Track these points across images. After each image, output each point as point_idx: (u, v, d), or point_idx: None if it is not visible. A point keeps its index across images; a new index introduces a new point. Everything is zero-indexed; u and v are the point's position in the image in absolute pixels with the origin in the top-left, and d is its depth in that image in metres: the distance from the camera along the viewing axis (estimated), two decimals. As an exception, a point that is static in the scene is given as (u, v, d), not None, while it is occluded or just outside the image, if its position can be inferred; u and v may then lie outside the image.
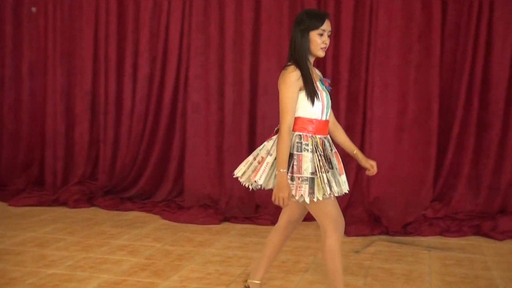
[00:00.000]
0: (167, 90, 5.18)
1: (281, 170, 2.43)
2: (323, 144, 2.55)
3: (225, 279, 3.36)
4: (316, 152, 2.49)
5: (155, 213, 4.97)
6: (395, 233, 4.33)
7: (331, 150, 2.60)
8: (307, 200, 2.46)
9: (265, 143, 2.62)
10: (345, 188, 2.60)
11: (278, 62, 4.77)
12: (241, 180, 2.64)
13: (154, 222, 4.73)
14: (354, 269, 3.55)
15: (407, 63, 4.55)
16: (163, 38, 5.16)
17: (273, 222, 4.62)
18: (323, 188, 2.45)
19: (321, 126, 2.57)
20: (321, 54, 2.56)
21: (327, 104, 2.59)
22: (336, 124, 2.83)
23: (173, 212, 4.88)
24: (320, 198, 2.45)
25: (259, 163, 2.57)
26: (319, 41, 2.52)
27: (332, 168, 2.53)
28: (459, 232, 4.32)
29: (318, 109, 2.54)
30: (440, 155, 4.55)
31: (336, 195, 2.52)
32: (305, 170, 2.47)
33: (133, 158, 5.33)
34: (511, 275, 3.44)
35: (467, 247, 4.05)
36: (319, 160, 2.48)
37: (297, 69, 2.49)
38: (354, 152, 2.78)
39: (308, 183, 2.46)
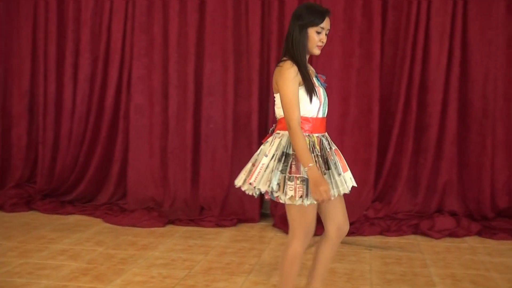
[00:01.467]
0: (109, 91, 5.08)
1: (310, 165, 2.29)
2: (321, 143, 2.46)
3: (169, 282, 3.32)
4: (313, 153, 2.39)
5: (97, 217, 4.85)
6: (338, 234, 4.41)
7: (330, 148, 2.50)
8: (307, 202, 2.35)
9: (262, 146, 2.52)
10: (346, 188, 2.48)
11: (223, 64, 4.78)
12: (243, 189, 2.49)
13: (96, 226, 4.62)
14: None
15: (349, 67, 4.65)
16: (105, 38, 5.06)
17: (218, 224, 4.64)
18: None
19: (318, 124, 2.47)
20: (316, 52, 2.47)
21: (324, 100, 2.50)
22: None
23: (116, 215, 4.79)
24: (309, 202, 2.35)
25: (253, 165, 2.46)
26: (316, 39, 2.43)
27: (329, 169, 2.42)
28: (399, 232, 4.45)
29: (315, 106, 2.44)
30: (381, 156, 4.67)
31: (332, 198, 2.38)
32: (303, 170, 2.35)
33: (74, 160, 5.19)
34: (448, 272, 3.57)
35: (406, 245, 4.18)
36: (315, 162, 2.36)
37: (294, 65, 2.39)
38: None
39: (305, 184, 2.35)
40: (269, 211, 4.88)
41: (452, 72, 4.55)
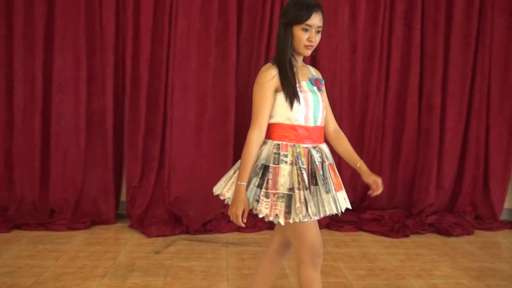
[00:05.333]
0: None
1: (239, 182, 2.11)
2: (309, 155, 2.18)
3: (14, 292, 3.09)
4: (296, 165, 2.13)
5: None
6: (196, 232, 4.44)
7: (323, 162, 2.22)
8: (282, 221, 2.12)
9: None
10: (334, 209, 2.18)
11: (75, 59, 4.55)
12: (222, 198, 2.28)
13: None
14: (155, 270, 3.54)
15: (206, 66, 4.68)
16: None
17: (70, 227, 4.41)
18: (297, 208, 2.09)
19: (307, 133, 2.21)
20: (305, 52, 2.22)
21: (315, 107, 2.23)
22: (338, 131, 2.44)
23: (-48, 222, 4.33)
24: (297, 220, 2.10)
25: (234, 172, 2.26)
26: (303, 38, 2.17)
27: (316, 184, 2.14)
28: (255, 228, 4.58)
29: (300, 114, 2.18)
30: (237, 155, 4.76)
31: (315, 218, 2.14)
32: (281, 185, 2.12)
33: None
34: (299, 263, 3.75)
35: (261, 241, 4.32)
36: (297, 175, 2.12)
37: (273, 67, 2.18)
38: (358, 165, 2.36)
39: (284, 201, 2.11)
40: (125, 212, 4.75)
41: (303, 75, 4.78)
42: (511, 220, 5.13)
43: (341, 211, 2.22)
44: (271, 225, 4.64)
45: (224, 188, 2.28)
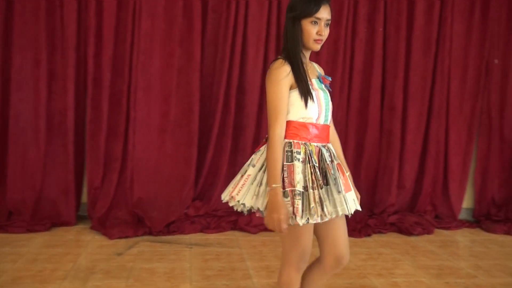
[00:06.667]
0: None
1: (273, 185, 1.99)
2: (320, 154, 2.12)
3: (-31, 296, 3.00)
4: (309, 163, 2.06)
5: None
6: (159, 233, 4.39)
7: (332, 161, 2.16)
8: (300, 221, 2.00)
9: (252, 156, 2.22)
10: (347, 209, 2.09)
11: (35, 57, 4.44)
12: (230, 205, 2.18)
13: None
14: (117, 272, 3.49)
15: (170, 66, 4.65)
16: None
17: (29, 229, 4.31)
18: (312, 208, 2.00)
19: (318, 132, 2.15)
20: (315, 47, 2.14)
21: (326, 105, 2.18)
22: (333, 133, 2.37)
23: None
24: (311, 221, 2.02)
25: (242, 177, 2.16)
26: (312, 32, 2.10)
27: (327, 184, 2.08)
28: (219, 228, 4.57)
29: (313, 112, 2.12)
30: (201, 155, 4.75)
31: (329, 218, 2.05)
32: (298, 182, 2.03)
33: None
34: (263, 264, 3.76)
35: (225, 241, 4.30)
36: (311, 173, 2.05)
37: (286, 64, 2.09)
38: (347, 174, 2.25)
39: (301, 199, 2.02)
40: (86, 214, 4.67)
41: (268, 76, 4.79)
42: (469, 219, 5.26)
43: (351, 212, 2.15)
44: (234, 226, 4.63)
45: (234, 192, 2.17)
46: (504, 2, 5.06)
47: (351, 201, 2.16)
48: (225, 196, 2.21)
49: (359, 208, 2.21)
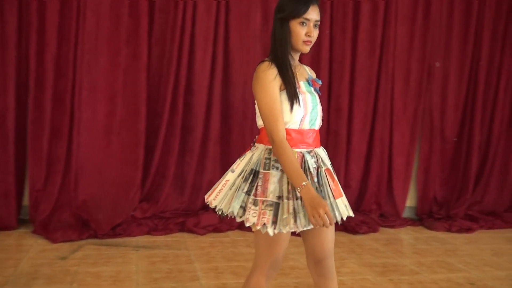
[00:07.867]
0: None
1: (303, 183, 1.90)
2: (303, 161, 2.03)
3: None
4: None
5: None
6: (104, 236, 4.30)
7: (318, 167, 2.08)
8: (270, 231, 1.95)
9: (237, 160, 2.13)
10: (333, 216, 2.04)
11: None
12: (211, 207, 2.12)
13: None
14: (61, 277, 3.39)
15: (116, 66, 4.56)
16: None
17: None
18: (284, 219, 1.95)
19: (302, 137, 2.07)
20: (304, 49, 2.08)
21: (314, 109, 2.09)
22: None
23: None
24: (283, 231, 1.97)
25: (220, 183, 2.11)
26: (301, 33, 2.03)
27: None
28: (166, 230, 4.52)
29: (297, 116, 2.04)
30: (148, 156, 4.69)
31: (304, 228, 1.98)
32: (271, 192, 1.98)
33: None
34: (211, 265, 3.74)
35: (173, 243, 4.26)
36: (287, 183, 1.98)
37: (273, 66, 2.02)
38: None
39: (273, 209, 1.96)
40: (28, 217, 4.51)
41: (216, 76, 4.78)
42: (413, 217, 5.42)
43: (342, 218, 2.10)
44: (182, 228, 4.59)
45: (210, 197, 2.14)
46: (444, 8, 5.24)
47: (342, 207, 2.12)
48: (206, 198, 2.17)
49: (351, 214, 2.17)
